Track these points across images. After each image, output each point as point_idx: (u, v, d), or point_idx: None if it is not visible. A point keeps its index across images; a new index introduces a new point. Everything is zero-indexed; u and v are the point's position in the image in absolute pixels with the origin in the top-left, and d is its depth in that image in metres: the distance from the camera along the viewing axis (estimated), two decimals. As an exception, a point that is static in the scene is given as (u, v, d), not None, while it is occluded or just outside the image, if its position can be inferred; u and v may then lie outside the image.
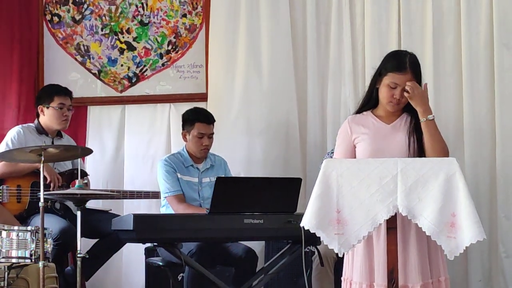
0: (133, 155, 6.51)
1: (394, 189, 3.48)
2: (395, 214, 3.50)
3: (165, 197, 5.55)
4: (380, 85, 3.97)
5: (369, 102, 4.01)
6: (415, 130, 3.93)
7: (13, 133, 5.59)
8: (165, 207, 5.61)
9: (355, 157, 3.97)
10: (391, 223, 3.55)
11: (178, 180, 5.55)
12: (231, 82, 6.46)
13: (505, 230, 5.97)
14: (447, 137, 4.07)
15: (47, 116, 5.63)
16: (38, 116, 5.69)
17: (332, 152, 5.81)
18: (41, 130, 5.65)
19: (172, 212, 5.50)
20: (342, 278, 3.88)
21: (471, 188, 3.69)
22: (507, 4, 6.21)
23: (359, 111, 4.04)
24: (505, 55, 6.19)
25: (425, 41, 6.29)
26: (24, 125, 5.80)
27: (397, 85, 3.92)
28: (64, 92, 5.73)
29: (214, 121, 5.71)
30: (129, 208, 6.30)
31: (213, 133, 5.67)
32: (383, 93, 3.94)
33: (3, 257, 4.55)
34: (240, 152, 6.39)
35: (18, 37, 6.48)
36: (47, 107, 5.63)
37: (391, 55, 4.04)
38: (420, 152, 3.90)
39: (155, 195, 5.83)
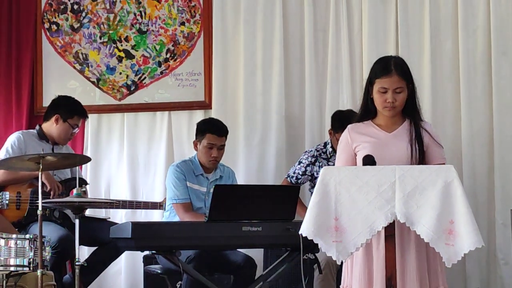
0: (133, 163, 6.51)
1: (392, 196, 3.48)
2: (393, 221, 3.50)
3: (172, 203, 5.55)
4: (373, 93, 3.97)
5: (367, 112, 4.00)
6: (417, 138, 3.92)
7: (13, 139, 5.58)
8: (169, 212, 5.60)
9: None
10: (389, 231, 3.55)
11: (187, 188, 5.54)
12: (234, 91, 6.46)
13: (503, 237, 5.97)
14: (444, 144, 4.06)
15: (58, 128, 5.60)
16: (45, 120, 5.67)
17: (291, 176, 5.90)
18: (42, 136, 5.63)
19: (175, 219, 5.50)
20: (341, 286, 3.87)
21: (469, 195, 3.69)
22: (504, 11, 6.23)
23: (359, 120, 4.03)
24: (503, 62, 6.21)
25: (423, 48, 6.30)
26: (24, 130, 5.82)
27: (386, 89, 3.92)
28: (85, 115, 5.75)
29: (227, 133, 5.68)
30: (127, 215, 6.29)
31: (223, 145, 5.64)
32: (377, 100, 3.94)
33: (1, 265, 4.53)
34: (240, 160, 6.39)
35: (15, 45, 6.49)
36: (64, 121, 5.61)
37: (376, 62, 4.04)
38: (422, 160, 3.89)
39: (154, 205, 5.82)
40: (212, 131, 5.61)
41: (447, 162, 3.94)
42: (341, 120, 5.62)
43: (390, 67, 3.94)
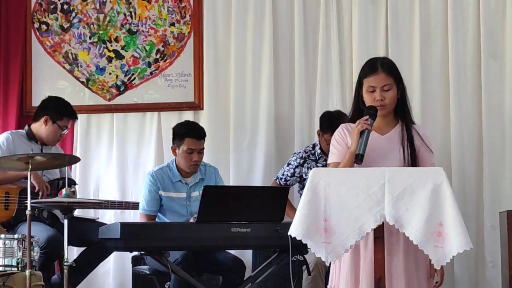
0: (122, 164, 6.50)
1: (381, 198, 3.48)
2: (383, 223, 3.50)
3: (140, 212, 5.55)
4: (363, 94, 3.96)
5: (359, 114, 3.98)
6: (409, 141, 3.92)
7: (1, 139, 5.57)
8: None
9: None
10: (378, 233, 3.55)
11: (158, 200, 5.48)
12: (226, 91, 6.47)
13: (491, 240, 5.99)
14: (434, 146, 4.06)
15: (47, 130, 5.60)
16: (34, 120, 5.66)
17: (280, 178, 5.90)
18: (31, 137, 5.62)
19: (162, 220, 5.50)
20: (328, 286, 3.88)
21: (458, 197, 3.69)
22: (494, 14, 6.25)
23: (351, 121, 4.02)
24: (492, 65, 6.23)
25: (413, 50, 6.32)
26: (13, 131, 5.81)
27: (374, 88, 3.91)
28: (75, 117, 5.74)
29: (205, 136, 5.64)
30: (116, 216, 6.29)
31: (203, 148, 5.60)
32: (366, 99, 3.94)
33: (-11, 265, 4.54)
34: (230, 162, 6.39)
35: (4, 44, 6.48)
36: (53, 122, 5.60)
37: (365, 64, 4.04)
38: (414, 163, 3.89)
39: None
40: (191, 135, 5.51)
41: (436, 164, 3.93)
42: (329, 121, 5.63)
43: (377, 66, 3.94)
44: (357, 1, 6.36)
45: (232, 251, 5.43)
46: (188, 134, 5.52)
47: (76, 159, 5.33)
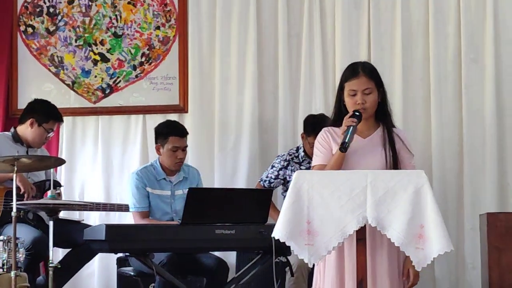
0: (107, 166, 6.49)
1: (363, 200, 3.49)
2: (365, 225, 3.52)
3: (131, 211, 5.56)
4: (344, 98, 3.98)
5: (340, 117, 4.00)
6: (390, 144, 3.94)
7: (-14, 141, 5.57)
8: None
9: None
10: (361, 235, 3.56)
11: (147, 196, 5.53)
12: (210, 95, 6.48)
13: (471, 242, 6.01)
14: (415, 149, 4.09)
15: (33, 132, 5.59)
16: (20, 123, 5.65)
17: (264, 180, 5.91)
18: (17, 139, 5.61)
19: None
20: (313, 287, 3.89)
21: (438, 200, 3.71)
22: (475, 19, 6.28)
23: (332, 125, 4.03)
24: (472, 69, 6.26)
25: (395, 54, 6.34)
26: (-1, 133, 5.80)
27: (355, 91, 3.93)
28: (61, 119, 5.74)
29: (187, 134, 5.70)
30: (101, 217, 6.28)
31: (186, 146, 5.65)
32: (348, 103, 3.95)
33: (-25, 267, 4.53)
34: (215, 164, 6.39)
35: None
36: (39, 125, 5.59)
37: (346, 68, 4.05)
38: (396, 165, 3.91)
39: (128, 208, 5.82)
40: (175, 133, 5.58)
41: (417, 168, 3.95)
42: (313, 124, 5.64)
43: (358, 70, 3.96)
44: (340, 6, 6.37)
45: (216, 253, 5.44)
46: (172, 132, 5.58)
47: (61, 161, 5.31)
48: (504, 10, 6.28)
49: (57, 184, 5.42)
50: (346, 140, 3.76)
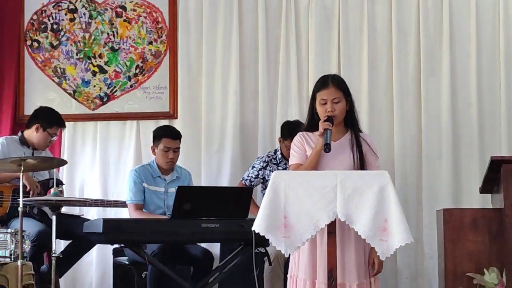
0: (104, 167, 6.46)
1: (334, 198, 3.49)
2: (335, 220, 3.51)
3: (127, 203, 5.54)
4: (316, 107, 3.98)
5: (313, 124, 4.00)
6: (357, 147, 3.95)
7: (-3, 144, 5.54)
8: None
9: None
10: (331, 228, 3.56)
11: (142, 191, 5.51)
12: (197, 103, 6.46)
13: (429, 235, 6.02)
14: (379, 152, 4.09)
15: (38, 136, 5.56)
16: (26, 128, 5.62)
17: (245, 179, 5.89)
18: (23, 142, 5.58)
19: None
20: (288, 275, 3.88)
21: (400, 197, 3.71)
22: (433, 38, 6.31)
23: (306, 130, 4.03)
24: (430, 82, 6.27)
25: (362, 68, 6.35)
26: (8, 136, 5.76)
27: (326, 100, 3.93)
28: (63, 125, 5.72)
29: (181, 137, 5.68)
30: (99, 212, 6.25)
31: (178, 148, 5.64)
32: (319, 111, 3.96)
33: (-15, 257, 4.50)
34: (201, 165, 6.38)
35: (0, 60, 6.45)
36: (43, 130, 5.56)
37: (317, 80, 4.06)
38: (362, 166, 3.91)
39: (123, 204, 5.79)
40: (167, 135, 5.59)
41: (381, 168, 3.96)
42: (289, 129, 5.64)
43: (328, 81, 3.97)
44: (313, 25, 6.37)
45: (202, 244, 5.43)
46: (165, 134, 5.59)
47: (63, 162, 5.30)
48: (459, 31, 6.30)
49: (59, 183, 5.39)
50: (328, 142, 3.78)
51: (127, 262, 5.28)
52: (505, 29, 6.26)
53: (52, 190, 5.06)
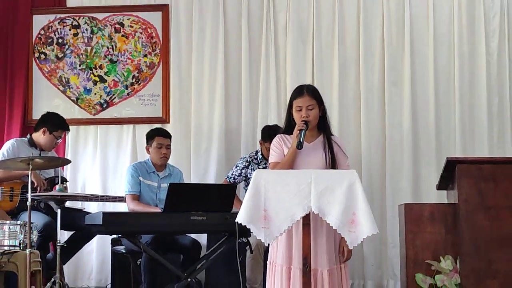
0: (104, 166, 6.44)
1: (308, 193, 3.49)
2: (309, 213, 3.52)
3: (125, 193, 5.52)
4: (293, 113, 3.99)
5: (290, 128, 4.01)
6: (329, 148, 3.96)
7: (8, 145, 5.50)
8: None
9: None
10: (306, 220, 3.57)
11: (139, 184, 5.51)
12: (187, 109, 6.44)
13: (392, 226, 6.03)
14: (349, 153, 4.10)
15: (45, 139, 5.53)
16: (34, 131, 5.59)
17: (229, 177, 5.89)
18: (32, 143, 5.55)
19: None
20: (268, 262, 3.88)
21: (367, 193, 3.72)
22: (395, 51, 6.34)
23: (284, 133, 4.04)
24: (393, 91, 6.30)
25: (333, 79, 6.36)
26: (17, 138, 5.73)
27: (301, 107, 3.93)
28: (67, 129, 5.69)
29: (171, 136, 5.69)
30: (99, 206, 6.22)
31: (170, 145, 5.64)
32: (295, 117, 3.96)
33: (-3, 245, 4.48)
34: (191, 164, 6.37)
35: (10, 69, 6.41)
36: (50, 133, 5.53)
37: (294, 89, 4.06)
38: (333, 165, 3.92)
39: (121, 199, 5.77)
40: (159, 134, 5.62)
41: (350, 167, 3.97)
42: (269, 133, 5.64)
43: (303, 91, 3.97)
44: (290, 41, 6.39)
45: (191, 235, 5.42)
46: (157, 134, 5.64)
47: (67, 162, 5.27)
48: (418, 46, 6.34)
49: (64, 180, 5.37)
50: (301, 140, 3.80)
51: (124, 251, 5.27)
52: (459, 44, 6.31)
53: (57, 187, 5.05)
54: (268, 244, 3.68)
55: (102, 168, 6.43)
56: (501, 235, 4.18)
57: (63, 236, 5.21)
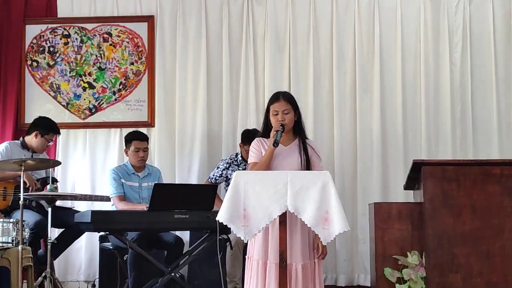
0: (92, 167, 6.40)
1: (285, 193, 3.50)
2: (286, 211, 3.52)
3: (111, 196, 5.48)
4: (270, 117, 4.00)
5: (267, 131, 4.01)
6: (304, 151, 3.97)
7: (1, 148, 5.46)
8: (114, 206, 5.53)
9: None
10: (282, 218, 3.57)
11: (121, 185, 5.48)
12: (171, 114, 6.42)
13: (362, 224, 6.07)
14: (322, 155, 4.11)
15: (37, 142, 5.49)
16: (27, 134, 5.54)
17: (211, 178, 5.88)
18: (24, 146, 5.51)
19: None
20: (246, 257, 3.88)
21: (339, 192, 3.73)
22: (365, 60, 6.37)
23: (262, 136, 4.04)
24: (364, 98, 6.33)
25: (308, 86, 6.38)
26: (11, 141, 5.68)
27: (277, 111, 3.95)
28: (58, 132, 5.65)
29: (148, 139, 5.67)
30: (88, 205, 6.18)
31: (147, 148, 5.62)
32: (272, 120, 3.97)
33: (-10, 242, 4.43)
34: (175, 165, 6.34)
35: (3, 76, 6.36)
36: (41, 136, 5.49)
37: (271, 95, 4.07)
38: (308, 167, 3.93)
39: (108, 199, 5.74)
40: (136, 138, 5.58)
41: (324, 168, 3.98)
42: (248, 136, 5.65)
43: (279, 96, 3.98)
44: (268, 50, 6.39)
45: (174, 232, 5.40)
46: (134, 138, 5.59)
47: (58, 163, 5.24)
48: (387, 56, 6.37)
49: (54, 180, 5.34)
50: (277, 139, 3.82)
51: (111, 247, 5.24)
52: (425, 55, 6.35)
53: (48, 187, 5.00)
54: (247, 241, 3.68)
55: (90, 169, 6.39)
56: (463, 231, 4.21)
57: (53, 233, 5.18)
